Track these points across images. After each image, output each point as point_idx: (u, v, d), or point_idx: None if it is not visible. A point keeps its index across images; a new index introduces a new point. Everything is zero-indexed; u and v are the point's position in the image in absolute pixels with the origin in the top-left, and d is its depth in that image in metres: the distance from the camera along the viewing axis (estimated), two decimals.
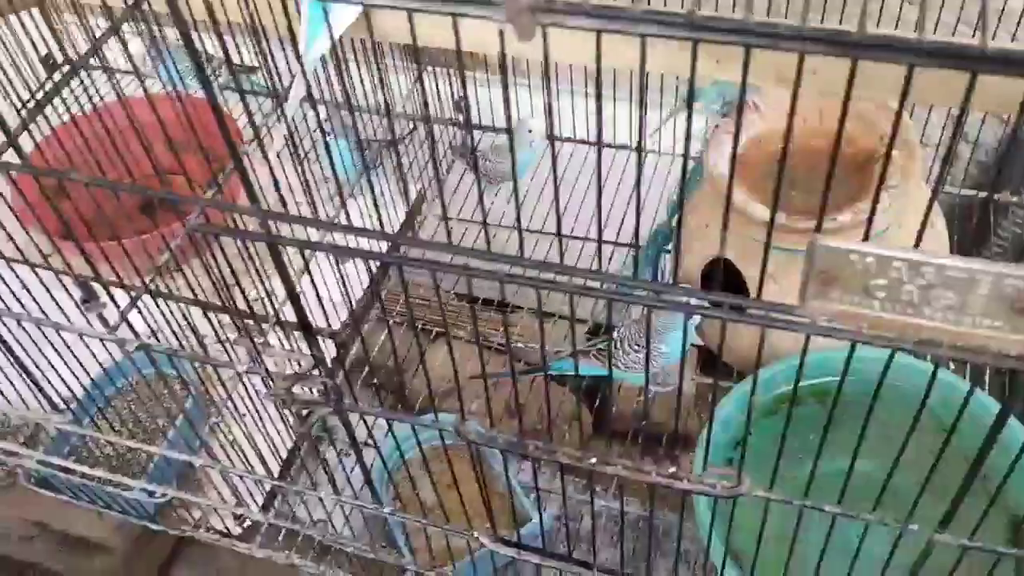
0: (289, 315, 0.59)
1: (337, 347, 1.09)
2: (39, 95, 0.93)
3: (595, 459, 0.55)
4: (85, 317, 0.69)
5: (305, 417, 0.64)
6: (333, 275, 0.77)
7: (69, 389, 0.85)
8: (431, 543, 0.93)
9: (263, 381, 0.67)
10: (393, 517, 0.80)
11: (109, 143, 0.83)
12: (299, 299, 0.56)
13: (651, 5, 0.35)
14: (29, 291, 0.77)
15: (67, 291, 0.72)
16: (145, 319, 0.80)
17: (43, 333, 0.76)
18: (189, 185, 0.55)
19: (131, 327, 0.73)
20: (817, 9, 0.94)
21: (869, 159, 0.98)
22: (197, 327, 0.79)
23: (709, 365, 1.15)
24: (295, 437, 1.01)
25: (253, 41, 0.84)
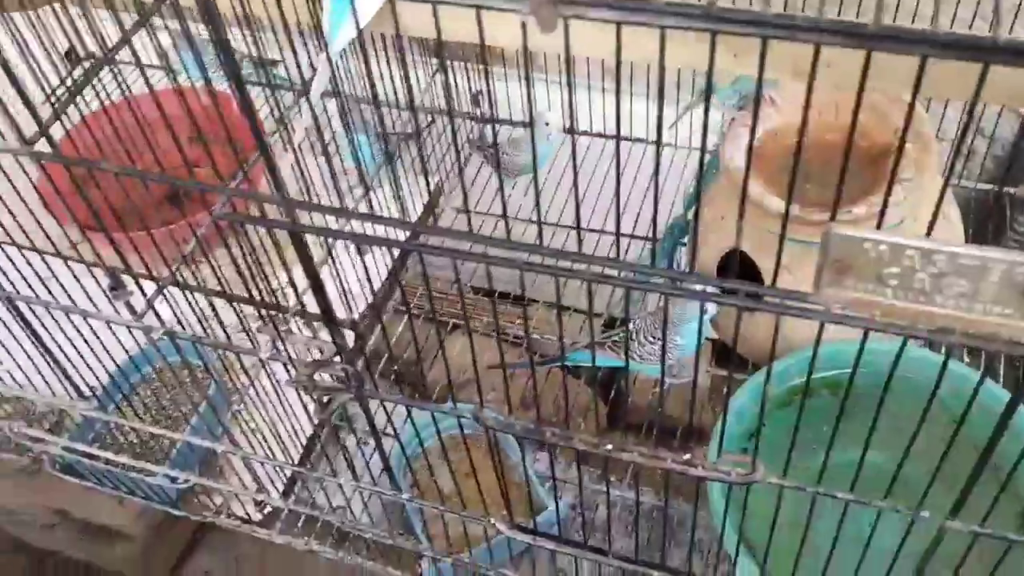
0: (311, 304, 0.60)
1: (357, 337, 1.10)
2: (61, 89, 0.95)
3: (611, 445, 0.56)
4: (112, 305, 0.70)
5: (326, 404, 0.65)
6: (352, 267, 0.78)
7: (95, 376, 0.87)
8: (448, 530, 0.94)
9: (285, 368, 0.69)
10: (411, 504, 0.82)
11: (133, 135, 0.85)
12: (323, 287, 0.57)
13: None
14: (57, 279, 0.79)
15: (95, 279, 0.73)
16: (171, 307, 0.82)
17: (71, 320, 0.78)
18: (217, 174, 0.56)
19: (157, 315, 0.74)
20: (833, 4, 0.95)
21: (884, 153, 0.98)
22: (221, 316, 0.80)
23: (723, 358, 1.16)
24: (315, 424, 1.02)
25: (275, 35, 0.86)
